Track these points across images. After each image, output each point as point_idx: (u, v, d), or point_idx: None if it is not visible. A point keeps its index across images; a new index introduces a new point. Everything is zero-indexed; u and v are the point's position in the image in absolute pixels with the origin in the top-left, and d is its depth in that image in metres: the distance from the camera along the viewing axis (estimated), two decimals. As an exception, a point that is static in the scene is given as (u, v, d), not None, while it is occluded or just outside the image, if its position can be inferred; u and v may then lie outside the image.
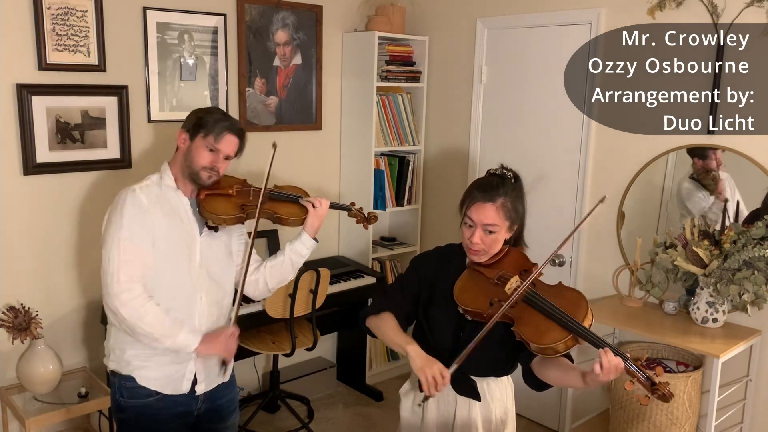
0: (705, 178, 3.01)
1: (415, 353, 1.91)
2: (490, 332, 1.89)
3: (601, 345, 1.77)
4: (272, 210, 2.33)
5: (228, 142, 2.21)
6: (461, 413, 2.04)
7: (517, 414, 2.06)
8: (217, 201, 2.26)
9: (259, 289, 2.39)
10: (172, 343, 2.11)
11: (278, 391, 3.78)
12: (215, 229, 2.26)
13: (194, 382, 2.24)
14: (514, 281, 1.94)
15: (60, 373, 2.96)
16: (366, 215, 2.52)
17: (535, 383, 1.99)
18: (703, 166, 3.00)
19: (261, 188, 2.30)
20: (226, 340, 2.21)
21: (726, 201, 3.00)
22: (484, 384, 2.04)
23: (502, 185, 2.00)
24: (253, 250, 2.32)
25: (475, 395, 2.02)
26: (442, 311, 2.02)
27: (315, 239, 2.36)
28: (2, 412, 3.04)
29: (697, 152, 3.02)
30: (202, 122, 2.20)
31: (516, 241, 2.09)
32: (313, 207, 2.32)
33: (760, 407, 3.00)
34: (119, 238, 2.08)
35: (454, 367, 1.87)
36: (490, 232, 1.97)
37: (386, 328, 2.03)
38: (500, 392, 2.07)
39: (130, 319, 2.07)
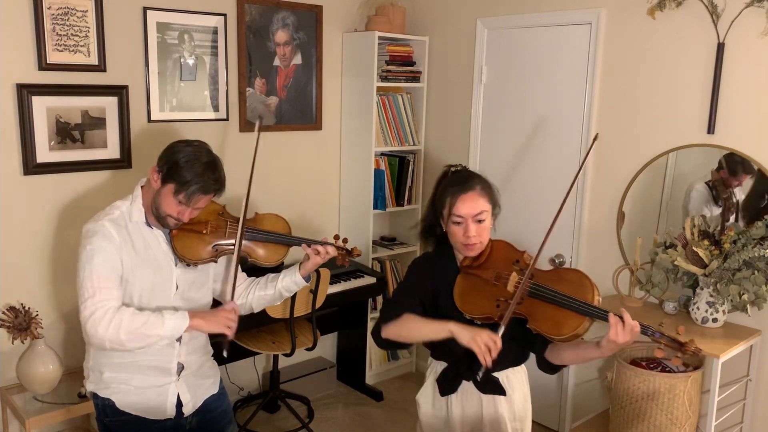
0: (720, 190, 2.98)
1: (458, 328, 1.90)
2: (516, 326, 1.91)
3: (615, 314, 1.80)
4: (247, 252, 2.21)
5: (200, 201, 2.07)
6: (488, 411, 2.07)
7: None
8: (189, 240, 2.13)
9: (244, 310, 2.33)
10: (162, 331, 1.97)
11: (278, 391, 3.78)
12: (188, 264, 2.16)
13: (179, 404, 2.18)
14: (513, 278, 1.93)
15: (60, 373, 2.97)
16: (349, 250, 2.31)
17: (550, 368, 2.03)
18: (726, 179, 2.96)
19: (237, 221, 2.17)
20: (226, 314, 2.08)
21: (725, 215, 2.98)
22: (503, 377, 2.08)
23: (472, 175, 2.05)
24: (239, 269, 2.27)
25: (500, 391, 2.05)
26: (452, 319, 1.97)
27: (308, 277, 2.30)
28: (2, 412, 3.05)
29: (730, 164, 2.93)
30: (177, 175, 2.01)
31: None
32: (317, 253, 2.23)
33: (760, 407, 3.00)
34: (91, 268, 1.98)
35: (501, 329, 1.86)
36: (480, 221, 1.98)
37: (415, 322, 1.99)
38: (518, 380, 2.11)
39: (112, 333, 1.93)
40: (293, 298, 3.33)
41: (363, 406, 4.03)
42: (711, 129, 2.98)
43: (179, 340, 2.14)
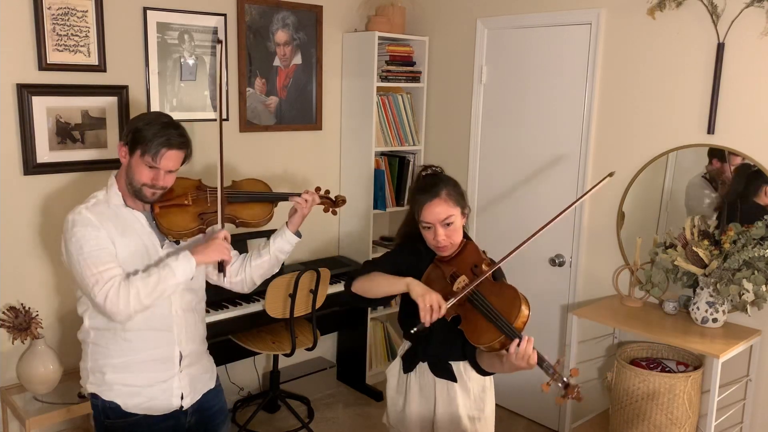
0: (716, 179, 3.01)
1: (415, 283, 2.05)
2: (453, 324, 2.05)
3: (522, 339, 1.91)
4: (233, 215, 2.22)
5: (168, 159, 2.04)
6: (441, 393, 2.22)
7: (517, 414, 2.12)
8: (173, 214, 2.13)
9: (246, 286, 2.36)
10: (175, 279, 2.02)
11: (278, 391, 3.78)
12: (177, 241, 2.16)
13: (181, 398, 2.20)
14: (461, 280, 2.08)
15: (60, 373, 2.96)
16: (333, 199, 2.38)
17: (479, 370, 2.17)
18: (720, 168, 2.99)
19: (216, 190, 2.18)
20: (220, 243, 2.11)
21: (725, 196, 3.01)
22: (461, 366, 2.20)
23: (438, 180, 2.16)
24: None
25: (451, 377, 2.19)
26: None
27: (298, 233, 2.32)
28: (2, 412, 3.05)
29: (717, 154, 2.99)
30: (139, 137, 2.03)
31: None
32: (301, 204, 2.27)
33: (760, 407, 3.00)
34: (83, 258, 1.98)
35: (451, 301, 2.00)
36: (448, 224, 2.10)
37: (379, 278, 2.15)
38: (476, 373, 2.20)
39: (134, 304, 1.97)
40: (293, 298, 3.34)
41: (363, 406, 4.03)
42: (711, 129, 2.98)
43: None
